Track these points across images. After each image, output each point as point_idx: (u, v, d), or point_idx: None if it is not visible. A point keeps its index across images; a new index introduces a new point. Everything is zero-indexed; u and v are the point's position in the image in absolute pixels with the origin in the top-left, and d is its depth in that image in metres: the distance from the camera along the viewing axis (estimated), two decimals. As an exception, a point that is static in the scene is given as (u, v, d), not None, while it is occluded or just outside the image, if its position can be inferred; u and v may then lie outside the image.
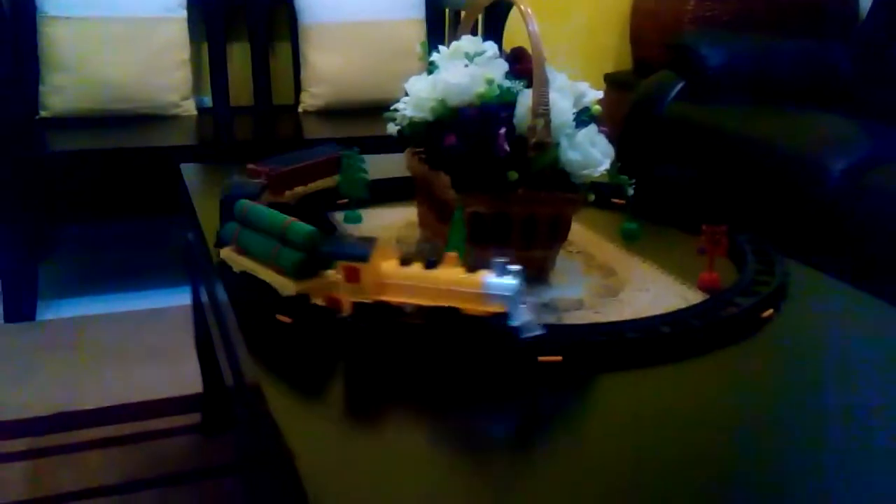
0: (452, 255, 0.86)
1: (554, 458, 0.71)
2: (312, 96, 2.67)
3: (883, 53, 2.50)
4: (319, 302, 0.93)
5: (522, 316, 0.84)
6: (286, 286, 0.94)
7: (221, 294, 1.07)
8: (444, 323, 0.85)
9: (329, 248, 0.89)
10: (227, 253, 1.04)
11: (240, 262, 1.01)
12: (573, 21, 3.23)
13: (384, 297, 0.87)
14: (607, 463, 0.71)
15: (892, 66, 2.45)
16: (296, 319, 0.92)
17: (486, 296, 0.83)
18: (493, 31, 2.51)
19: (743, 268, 1.12)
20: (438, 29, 2.83)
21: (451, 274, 0.84)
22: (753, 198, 2.02)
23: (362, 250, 0.86)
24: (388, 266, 0.87)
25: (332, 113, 2.67)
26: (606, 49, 3.31)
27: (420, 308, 0.86)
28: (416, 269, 0.86)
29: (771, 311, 1.00)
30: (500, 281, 0.82)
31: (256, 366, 0.87)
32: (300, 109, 2.71)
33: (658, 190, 1.36)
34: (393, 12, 2.67)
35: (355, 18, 2.64)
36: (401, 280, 0.86)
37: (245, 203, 1.02)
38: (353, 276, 0.87)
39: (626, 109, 2.59)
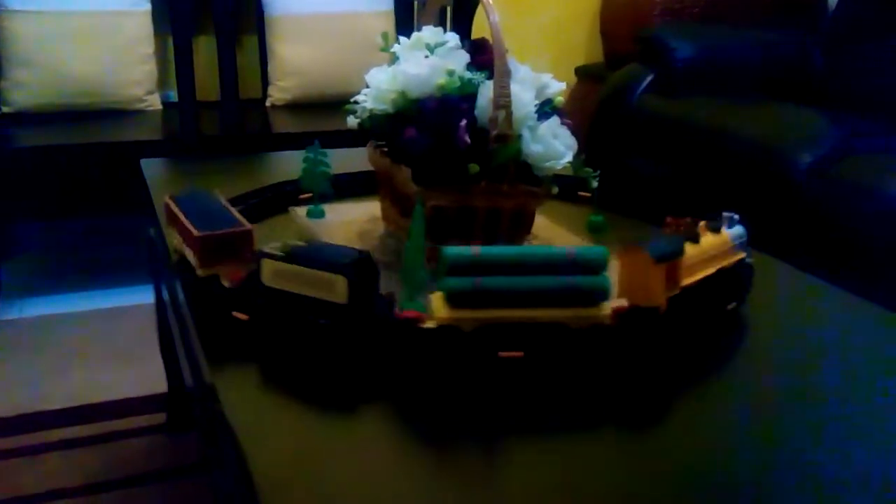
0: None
1: (526, 456, 0.70)
2: (280, 90, 2.64)
3: (851, 45, 2.51)
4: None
5: None
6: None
7: (180, 292, 1.05)
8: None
9: (656, 250, 0.88)
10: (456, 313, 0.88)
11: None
12: (544, 13, 3.22)
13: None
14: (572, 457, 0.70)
15: (860, 58, 2.46)
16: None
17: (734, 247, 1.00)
18: (462, 22, 2.49)
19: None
20: (407, 20, 2.81)
21: (710, 241, 0.97)
22: (722, 190, 2.02)
23: (675, 246, 0.90)
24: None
25: (301, 106, 2.64)
26: (577, 42, 3.30)
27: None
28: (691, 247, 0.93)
29: (735, 303, 0.99)
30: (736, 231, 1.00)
31: (211, 364, 0.85)
32: (268, 103, 2.68)
33: (626, 182, 1.35)
34: (361, 4, 2.65)
35: (323, 10, 2.61)
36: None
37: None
38: (672, 274, 0.90)
39: (597, 102, 2.58)
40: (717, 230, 0.99)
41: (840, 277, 1.43)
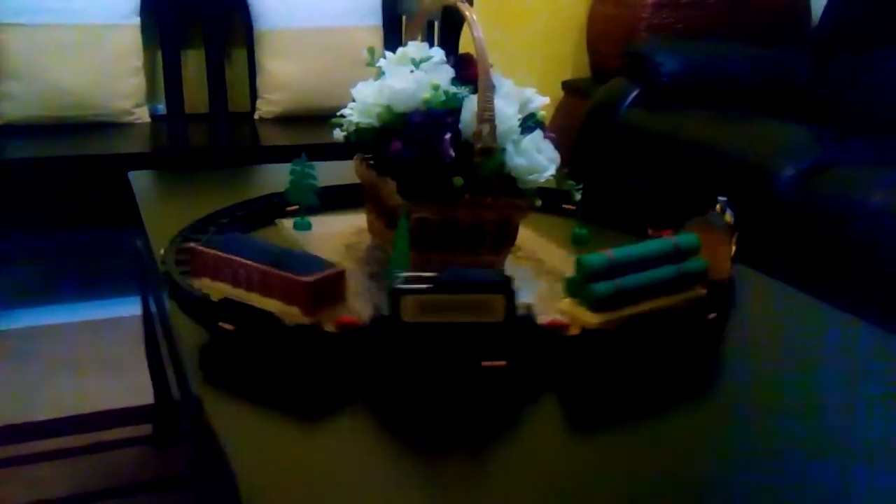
0: None
1: (502, 464, 0.72)
2: (269, 103, 2.66)
3: (835, 58, 2.54)
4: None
5: None
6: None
7: (167, 303, 1.06)
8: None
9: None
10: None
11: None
12: (531, 28, 3.25)
13: None
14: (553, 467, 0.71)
15: (844, 71, 2.49)
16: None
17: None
18: (449, 37, 2.51)
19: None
20: (396, 35, 2.83)
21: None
22: (706, 203, 2.04)
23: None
24: None
25: (290, 120, 2.65)
26: (564, 56, 3.33)
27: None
28: None
29: (714, 314, 1.00)
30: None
31: (197, 376, 0.86)
32: (256, 116, 2.69)
33: (610, 195, 1.37)
34: (349, 18, 2.67)
35: (311, 25, 2.63)
36: None
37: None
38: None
39: (583, 116, 2.60)
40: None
41: (823, 289, 1.45)
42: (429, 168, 1.00)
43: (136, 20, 2.51)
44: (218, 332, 0.92)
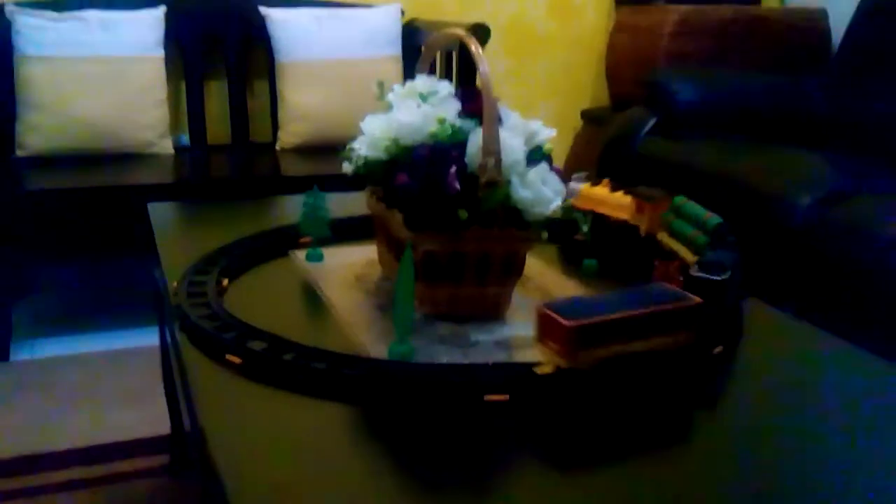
0: None
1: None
2: (290, 134, 2.69)
3: (854, 88, 2.53)
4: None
5: None
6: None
7: (178, 335, 1.07)
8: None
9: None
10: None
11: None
12: (551, 58, 3.27)
13: None
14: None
15: (862, 100, 2.48)
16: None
17: None
18: (467, 68, 2.53)
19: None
20: (415, 66, 2.86)
21: None
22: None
23: None
24: None
25: (310, 150, 2.68)
26: (583, 85, 3.34)
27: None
28: None
29: (721, 347, 1.00)
30: None
31: (202, 407, 0.86)
32: (278, 147, 2.72)
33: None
34: (369, 50, 2.70)
35: (332, 56, 2.66)
36: None
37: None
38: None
39: (602, 144, 2.61)
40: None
41: (838, 320, 1.43)
42: (434, 201, 1.01)
43: (161, 52, 2.55)
44: (226, 365, 0.93)
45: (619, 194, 1.24)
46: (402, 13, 2.82)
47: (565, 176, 1.12)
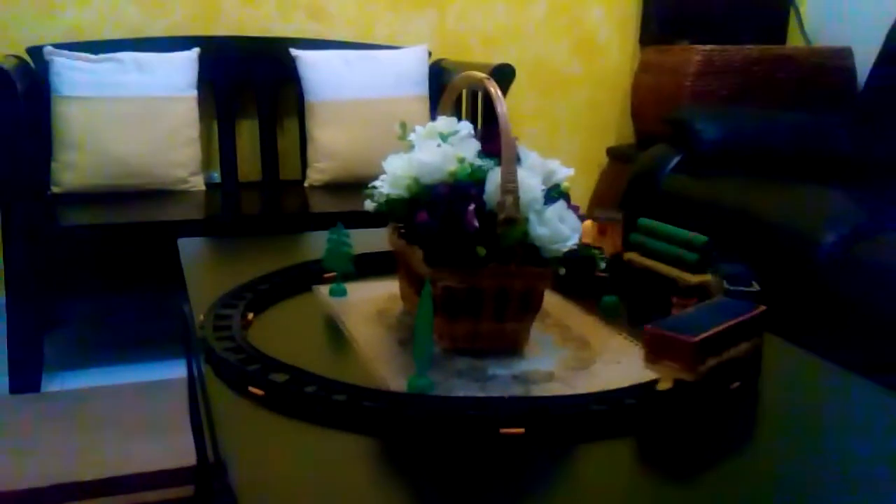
0: None
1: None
2: (318, 171, 2.73)
3: (878, 126, 2.53)
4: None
5: None
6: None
7: (203, 368, 1.10)
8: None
9: None
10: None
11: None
12: (577, 96, 3.30)
13: None
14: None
15: (886, 139, 2.48)
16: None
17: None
18: (490, 108, 2.57)
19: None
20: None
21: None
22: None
23: None
24: None
25: (338, 187, 2.72)
26: (609, 123, 3.37)
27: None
28: None
29: (738, 382, 1.01)
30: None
31: (224, 438, 0.89)
32: (306, 184, 2.77)
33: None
34: (397, 89, 2.75)
35: (360, 96, 2.71)
36: None
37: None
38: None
39: (627, 182, 2.62)
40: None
41: (861, 361, 1.43)
42: (453, 238, 1.03)
43: (194, 93, 2.61)
44: (249, 396, 0.96)
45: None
46: (429, 54, 2.87)
47: (591, 212, 1.14)
